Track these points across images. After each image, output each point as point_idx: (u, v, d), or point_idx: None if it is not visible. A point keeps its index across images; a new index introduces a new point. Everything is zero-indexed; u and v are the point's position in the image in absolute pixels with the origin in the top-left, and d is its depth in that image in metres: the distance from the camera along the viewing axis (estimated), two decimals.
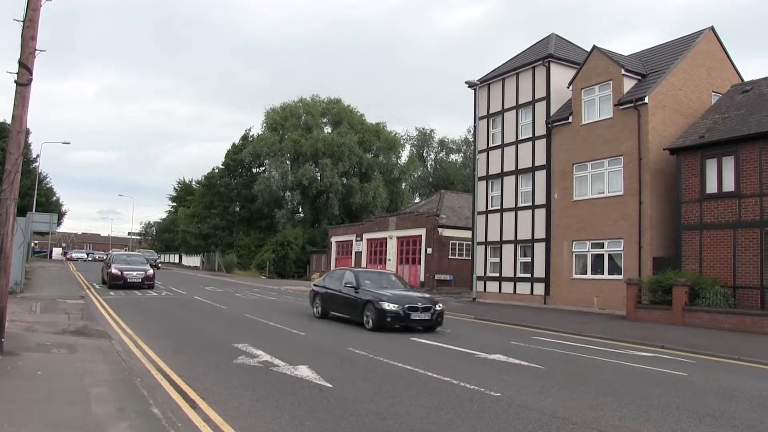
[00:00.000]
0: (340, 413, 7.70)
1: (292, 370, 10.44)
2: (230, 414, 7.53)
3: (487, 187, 34.79)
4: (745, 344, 16.75)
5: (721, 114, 25.67)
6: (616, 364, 13.03)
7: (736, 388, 10.69)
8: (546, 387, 9.86)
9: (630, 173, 26.74)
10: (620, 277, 26.36)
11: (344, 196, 67.36)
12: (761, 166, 22.17)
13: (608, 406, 8.61)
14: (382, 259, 50.73)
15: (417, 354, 13.11)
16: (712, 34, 29.84)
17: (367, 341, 14.96)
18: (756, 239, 22.06)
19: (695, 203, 24.08)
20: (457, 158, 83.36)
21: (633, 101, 26.66)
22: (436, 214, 45.91)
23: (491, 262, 34.16)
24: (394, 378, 10.17)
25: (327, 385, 9.33)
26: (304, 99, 72.57)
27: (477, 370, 11.26)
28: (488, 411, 8.04)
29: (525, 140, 32.41)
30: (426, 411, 7.93)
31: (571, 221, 29.23)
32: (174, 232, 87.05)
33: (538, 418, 7.76)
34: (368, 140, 71.33)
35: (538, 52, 33.18)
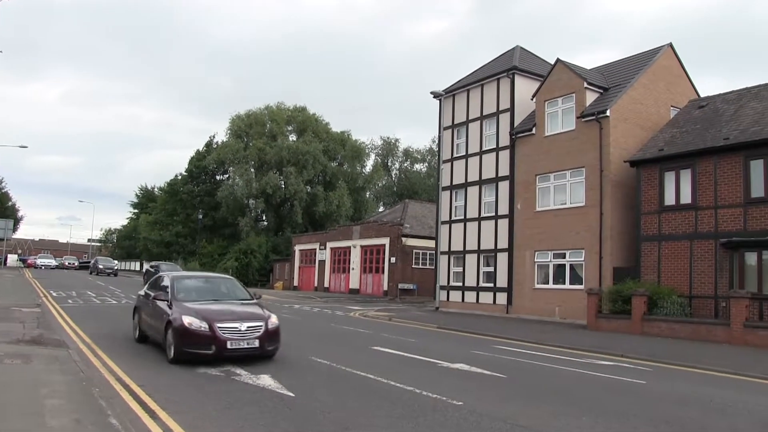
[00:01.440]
0: (303, 423, 7.68)
1: (254, 379, 10.37)
2: (191, 424, 7.44)
3: (451, 197, 35.00)
4: (699, 352, 17.11)
5: (679, 128, 26.23)
6: (576, 372, 13.19)
7: (691, 394, 10.93)
8: (508, 396, 9.94)
9: (591, 185, 27.15)
10: (581, 287, 26.69)
11: (308, 204, 67.16)
12: (716, 179, 22.71)
13: (569, 415, 8.71)
14: (346, 268, 50.69)
15: (380, 363, 13.12)
16: (670, 50, 30.51)
17: (330, 350, 14.93)
18: (711, 250, 22.56)
19: (654, 215, 24.53)
20: (422, 168, 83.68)
21: (595, 114, 27.10)
22: (400, 224, 46.02)
23: (454, 272, 34.34)
24: (357, 387, 10.16)
25: (289, 394, 9.29)
26: (270, 106, 72.26)
27: (440, 379, 11.31)
28: (451, 420, 8.08)
29: (489, 151, 32.71)
30: (389, 420, 7.94)
31: (534, 231, 29.54)
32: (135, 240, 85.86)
33: (499, 426, 7.83)
34: (333, 149, 71.30)
35: (503, 64, 33.54)
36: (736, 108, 25.18)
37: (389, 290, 44.83)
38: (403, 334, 20.10)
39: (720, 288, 22.12)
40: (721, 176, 22.62)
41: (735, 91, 27.11)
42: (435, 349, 16.38)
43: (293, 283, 57.47)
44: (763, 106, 24.18)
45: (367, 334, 19.62)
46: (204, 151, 74.10)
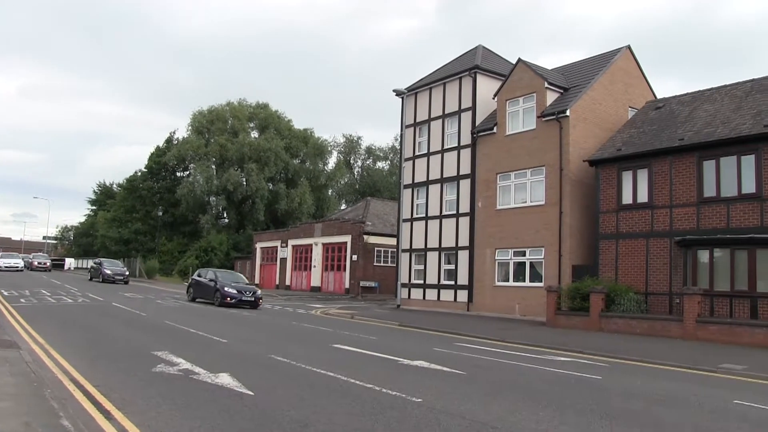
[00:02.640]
0: (261, 421, 7.65)
1: (213, 378, 10.29)
2: (147, 424, 7.33)
3: (412, 195, 35.15)
4: (654, 347, 17.48)
5: (637, 128, 26.72)
6: (535, 369, 13.36)
7: (645, 389, 11.16)
8: (467, 392, 10.03)
9: (551, 183, 27.49)
10: (541, 284, 27.03)
11: (270, 201, 66.79)
12: (671, 179, 23.21)
13: (527, 410, 8.83)
14: (307, 266, 50.54)
15: (340, 361, 13.13)
16: (629, 52, 31.06)
17: (290, 349, 14.90)
18: (666, 248, 23.05)
19: (612, 213, 24.95)
20: (384, 166, 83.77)
21: (555, 114, 27.45)
22: (362, 221, 46.05)
23: (416, 270, 34.49)
24: (317, 385, 10.16)
25: (248, 392, 9.24)
26: (232, 103, 71.65)
27: (400, 377, 11.36)
28: (410, 417, 8.12)
29: (451, 149, 32.91)
30: (348, 418, 7.95)
31: (495, 230, 29.82)
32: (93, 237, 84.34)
33: (458, 423, 7.89)
34: (295, 146, 71.00)
35: (465, 63, 33.76)
36: (691, 110, 25.74)
37: (351, 288, 44.84)
38: (364, 332, 20.15)
39: (674, 285, 22.63)
40: (676, 176, 23.12)
41: (690, 93, 27.75)
42: (396, 346, 16.44)
43: (254, 281, 57.10)
44: (716, 108, 24.77)
45: (328, 332, 19.61)
46: (164, 147, 73.13)
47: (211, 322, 21.03)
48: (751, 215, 21.10)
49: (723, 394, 11.02)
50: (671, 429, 8.15)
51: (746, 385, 12.35)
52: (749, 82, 25.73)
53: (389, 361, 13.43)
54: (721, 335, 19.12)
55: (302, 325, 22.12)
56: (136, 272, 63.61)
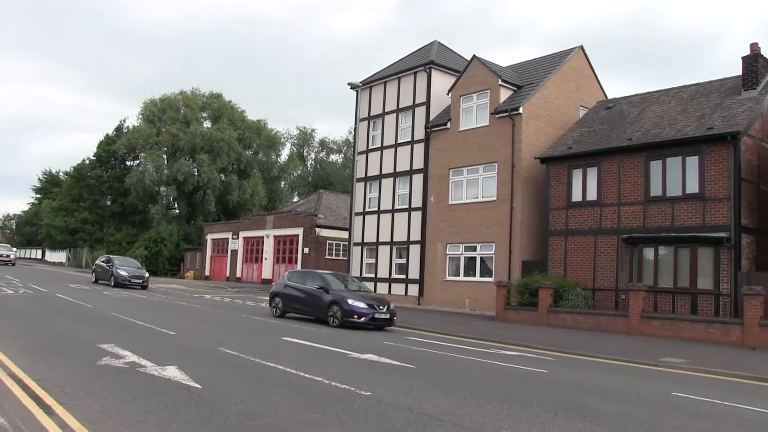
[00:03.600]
0: (209, 414, 7.57)
1: (160, 371, 10.14)
2: (90, 419, 7.15)
3: (365, 189, 35.16)
4: (600, 342, 17.87)
5: (588, 127, 27.18)
6: (484, 363, 13.52)
7: (590, 382, 11.41)
8: (416, 386, 10.09)
9: (503, 180, 27.80)
10: (491, 279, 27.33)
11: (222, 192, 66.02)
12: (620, 177, 23.68)
13: (474, 403, 8.92)
14: (259, 258, 50.18)
15: (289, 354, 13.09)
16: (581, 52, 31.56)
17: (239, 341, 14.80)
18: (614, 245, 23.53)
19: (562, 210, 25.35)
20: (338, 159, 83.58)
21: (508, 111, 27.75)
22: (314, 214, 45.89)
23: (367, 263, 34.54)
24: (265, 378, 10.10)
25: (196, 385, 9.14)
26: (185, 92, 70.48)
27: (349, 370, 11.38)
28: (358, 410, 8.14)
29: (404, 144, 33.00)
30: (296, 411, 7.93)
31: (446, 224, 30.03)
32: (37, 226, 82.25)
33: (406, 416, 7.94)
34: (248, 137, 70.27)
35: (421, 58, 33.87)
36: (640, 111, 26.30)
37: None
38: (312, 325, 20.10)
39: (621, 281, 23.12)
40: (625, 175, 23.60)
41: (639, 94, 28.35)
42: (345, 339, 16.45)
43: (205, 273, 56.49)
44: (663, 109, 25.36)
45: (277, 325, 19.52)
46: (114, 135, 71.44)
47: (159, 314, 20.75)
48: (694, 214, 21.67)
49: (663, 387, 11.33)
50: (613, 421, 8.33)
51: (685, 378, 12.73)
52: (694, 86, 26.41)
53: (339, 354, 13.44)
54: (664, 330, 19.63)
55: (252, 317, 21.96)
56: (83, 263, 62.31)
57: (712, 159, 21.49)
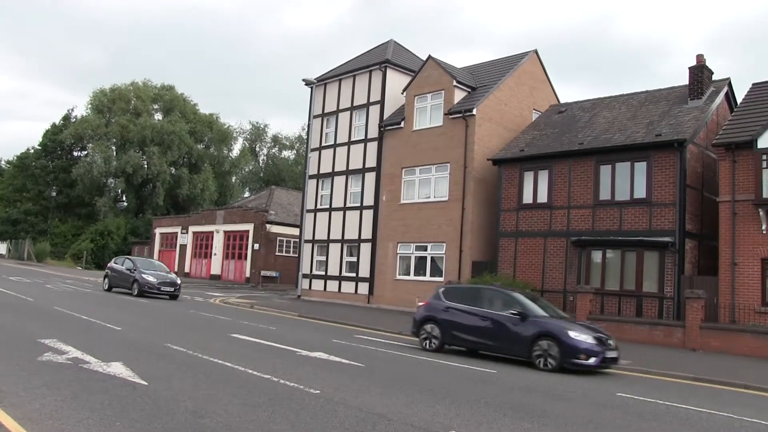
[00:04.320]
0: (155, 412, 7.39)
1: (104, 367, 9.88)
2: (29, 417, 6.86)
3: (317, 186, 34.99)
4: None
5: (540, 131, 27.51)
6: (433, 362, 13.55)
7: (537, 382, 11.52)
8: (365, 385, 10.05)
9: (455, 180, 27.95)
10: (441, 279, 27.44)
11: (172, 186, 65.02)
12: (570, 181, 24.04)
13: (423, 403, 8.92)
14: (208, 253, 49.58)
15: (238, 351, 12.92)
16: (535, 56, 31.94)
17: (187, 338, 14.57)
18: (563, 247, 23.88)
19: (513, 212, 25.62)
20: (290, 155, 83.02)
21: (462, 112, 27.90)
22: (265, 210, 45.53)
23: (318, 261, 34.39)
24: (213, 375, 9.95)
25: (142, 382, 8.93)
26: (136, 83, 69.12)
27: (298, 368, 11.28)
28: (307, 408, 8.06)
29: (357, 142, 32.93)
30: (244, 409, 7.82)
31: (398, 224, 30.06)
32: None
33: (355, 414, 7.89)
34: (200, 131, 69.36)
35: (376, 57, 33.84)
36: (591, 116, 26.73)
37: (252, 277, 44.28)
38: (263, 322, 19.93)
39: (569, 283, 23.47)
40: (575, 178, 23.96)
41: (590, 100, 28.84)
42: (295, 337, 16.33)
43: None
44: (613, 115, 25.83)
45: (226, 321, 19.29)
46: (61, 124, 69.45)
47: (105, 309, 20.30)
48: (641, 219, 22.12)
49: (608, 387, 11.53)
50: (559, 420, 8.42)
51: (629, 378, 13.00)
52: (644, 93, 26.97)
53: (288, 352, 13.32)
54: (610, 332, 19.80)
55: (200, 313, 21.66)
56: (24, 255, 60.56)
57: (660, 165, 21.98)
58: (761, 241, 19.62)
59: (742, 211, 20.05)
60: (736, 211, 20.16)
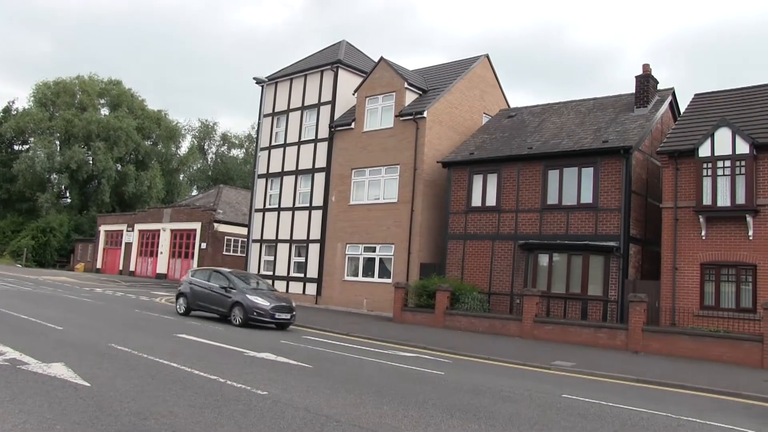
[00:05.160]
0: (97, 414, 7.20)
1: (44, 368, 9.60)
2: None
3: (266, 185, 34.72)
4: (494, 345, 18.27)
5: (490, 134, 27.79)
6: (380, 363, 13.55)
7: (484, 384, 11.59)
8: (313, 386, 9.99)
9: (405, 182, 28.03)
10: (389, 280, 27.50)
11: (117, 183, 63.67)
12: (519, 185, 24.33)
13: (371, 404, 8.91)
14: (154, 252, 48.73)
15: (183, 351, 12.72)
16: (486, 61, 32.27)
17: (132, 338, 14.27)
18: (510, 251, 24.14)
19: (461, 215, 25.80)
20: (239, 154, 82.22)
21: (413, 114, 28.01)
22: (213, 209, 45.00)
23: (266, 261, 34.10)
24: (158, 376, 9.76)
25: (84, 384, 8.69)
26: (81, 77, 67.43)
27: (245, 369, 11.15)
28: (254, 410, 7.98)
29: (308, 142, 32.78)
30: (190, 410, 7.69)
31: (346, 224, 30.01)
32: None
33: (303, 416, 7.83)
34: (148, 127, 68.12)
35: (328, 57, 33.74)
36: (540, 121, 27.11)
37: None
38: (210, 322, 19.66)
39: (516, 286, 23.74)
40: (523, 182, 24.26)
41: (540, 105, 29.26)
42: (242, 337, 16.16)
43: (96, 266, 54.36)
44: (562, 121, 26.25)
45: (172, 321, 18.98)
46: (1, 117, 67.48)
47: (45, 308, 19.78)
48: (587, 223, 22.51)
49: (554, 389, 11.67)
50: (506, 421, 8.49)
51: (574, 380, 13.18)
52: (592, 100, 27.49)
53: (235, 353, 13.17)
54: (555, 334, 20.27)
55: (145, 313, 21.25)
56: None
57: (606, 171, 22.41)
58: (701, 246, 20.17)
59: (684, 218, 20.59)
60: (678, 218, 20.68)
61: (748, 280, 19.43)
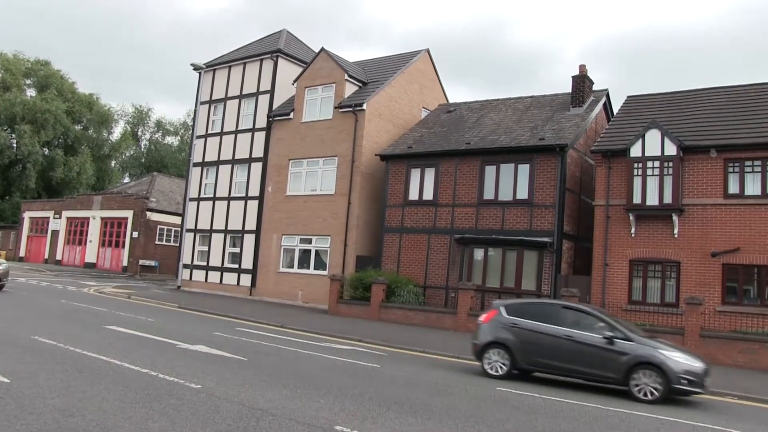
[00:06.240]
0: (17, 412, 6.84)
1: None
2: None
3: (202, 174, 34.09)
4: (429, 337, 18.39)
5: (428, 129, 27.91)
6: (316, 356, 13.47)
7: (420, 377, 11.65)
8: (248, 379, 9.85)
9: (343, 174, 27.92)
10: (325, 272, 27.38)
11: (45, 168, 61.41)
12: (456, 180, 24.52)
13: (307, 397, 8.83)
14: (83, 240, 47.33)
15: (114, 344, 12.37)
16: (427, 55, 32.38)
17: (58, 330, 13.81)
18: (446, 245, 24.33)
19: (398, 208, 25.86)
20: (174, 141, 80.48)
21: (352, 106, 27.90)
22: (146, 197, 43.97)
23: (199, 251, 33.52)
24: (86, 370, 9.44)
25: (3, 380, 8.28)
26: (4, 54, 64.62)
27: (177, 362, 10.92)
28: (187, 404, 7.80)
29: (245, 131, 32.32)
30: (120, 405, 7.45)
31: (283, 215, 29.74)
32: None
33: (238, 410, 7.70)
34: (78, 111, 65.80)
35: (268, 46, 33.32)
36: (479, 117, 27.38)
37: (129, 266, 42.65)
38: (141, 313, 19.21)
39: (451, 280, 23.94)
40: (461, 177, 24.46)
41: (479, 101, 29.55)
42: (174, 329, 15.85)
43: (19, 254, 52.45)
44: (500, 117, 26.56)
45: (101, 312, 18.45)
46: None
47: None
48: (522, 219, 22.86)
49: (488, 382, 11.82)
50: (442, 414, 8.53)
51: None
52: (529, 98, 27.90)
53: (167, 345, 12.89)
54: None
55: (73, 304, 20.61)
56: None
57: (542, 168, 22.79)
58: (630, 243, 20.74)
59: (615, 215, 21.12)
60: (610, 215, 21.20)
61: (673, 276, 20.12)
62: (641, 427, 8.87)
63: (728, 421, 9.80)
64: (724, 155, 19.71)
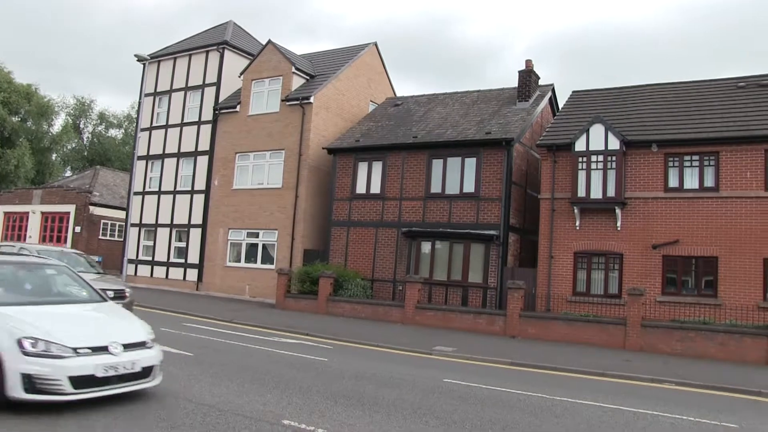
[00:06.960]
0: None
1: None
2: None
3: (146, 168, 33.52)
4: (377, 331, 18.44)
5: (376, 122, 27.96)
6: (263, 350, 13.40)
7: (368, 370, 11.69)
8: (195, 374, 9.76)
9: (290, 167, 27.80)
10: (272, 266, 27.25)
11: None
12: (403, 173, 24.64)
13: (254, 392, 8.79)
14: (22, 236, 46.02)
15: None
16: (375, 49, 32.40)
17: None
18: (393, 238, 24.44)
19: (346, 201, 25.86)
20: (118, 134, 78.69)
21: (300, 99, 27.77)
22: (89, 191, 42.97)
23: (144, 245, 32.98)
24: None
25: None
26: None
27: None
28: (132, 401, 7.68)
29: (190, 123, 31.89)
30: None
31: (229, 209, 29.47)
32: None
33: (185, 406, 7.63)
34: (16, 102, 63.90)
35: (215, 37, 32.91)
36: (426, 110, 27.52)
37: None
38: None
39: (399, 273, 24.07)
40: (408, 171, 24.58)
41: (426, 95, 29.70)
42: None
43: None
44: (447, 111, 26.77)
45: None
46: None
47: None
48: (469, 212, 23.09)
49: (436, 374, 11.91)
50: (390, 406, 8.59)
51: (455, 365, 13.51)
52: (476, 92, 28.16)
53: None
54: (437, 320, 20.69)
55: None
56: None
57: (488, 162, 23.05)
58: (575, 236, 21.15)
59: (560, 209, 21.50)
60: (555, 208, 21.57)
61: (616, 267, 20.59)
62: (585, 415, 9.07)
63: (667, 406, 10.09)
64: (665, 150, 20.24)
